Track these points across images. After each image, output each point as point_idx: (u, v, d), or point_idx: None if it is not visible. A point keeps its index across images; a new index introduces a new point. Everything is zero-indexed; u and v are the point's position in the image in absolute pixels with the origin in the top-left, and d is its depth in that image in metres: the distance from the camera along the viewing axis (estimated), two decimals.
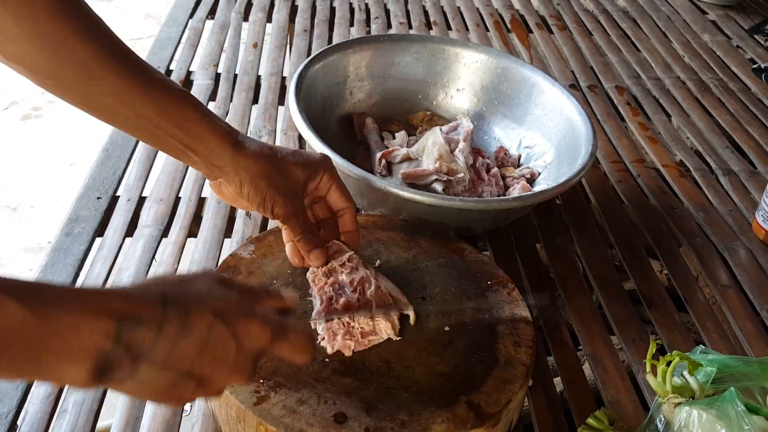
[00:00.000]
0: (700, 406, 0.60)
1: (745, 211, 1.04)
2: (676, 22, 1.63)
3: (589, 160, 0.87)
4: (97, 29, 0.58)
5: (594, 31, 1.56)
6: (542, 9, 1.64)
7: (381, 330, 0.66)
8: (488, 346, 0.67)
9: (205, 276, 0.50)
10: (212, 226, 0.90)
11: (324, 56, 0.99)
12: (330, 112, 1.01)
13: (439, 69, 1.08)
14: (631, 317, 0.84)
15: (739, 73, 1.43)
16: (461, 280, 0.75)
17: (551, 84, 1.01)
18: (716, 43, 1.55)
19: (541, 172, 0.98)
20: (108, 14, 3.08)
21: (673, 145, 1.19)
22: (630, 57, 1.46)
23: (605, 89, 1.34)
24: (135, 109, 0.59)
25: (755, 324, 0.85)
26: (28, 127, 2.34)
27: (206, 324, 0.46)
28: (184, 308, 0.45)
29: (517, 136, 1.04)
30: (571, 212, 1.01)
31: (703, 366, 0.66)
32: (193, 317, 0.45)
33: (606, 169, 1.12)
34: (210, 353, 0.46)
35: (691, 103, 1.31)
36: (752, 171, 1.14)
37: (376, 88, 1.06)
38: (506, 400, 0.62)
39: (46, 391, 0.68)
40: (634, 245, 0.96)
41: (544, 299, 0.83)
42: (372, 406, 0.60)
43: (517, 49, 1.45)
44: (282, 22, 1.45)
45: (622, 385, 0.75)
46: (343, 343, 0.64)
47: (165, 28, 1.38)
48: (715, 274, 0.92)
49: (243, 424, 0.60)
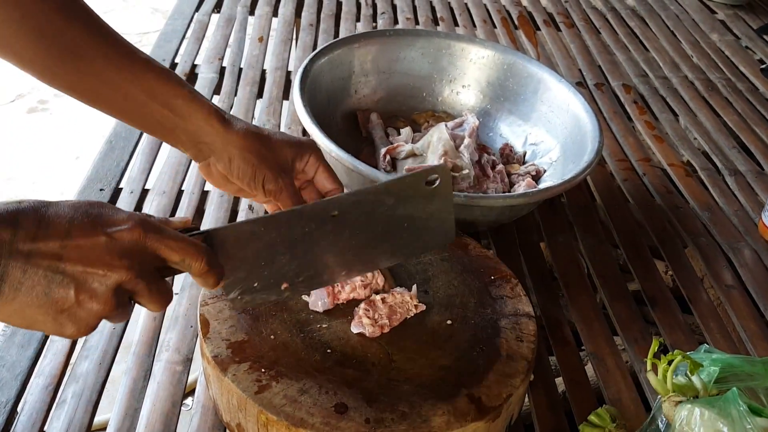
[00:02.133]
0: (702, 405, 0.59)
1: (751, 211, 1.03)
2: (684, 21, 1.62)
3: (596, 157, 0.86)
4: (82, 11, 0.58)
5: (602, 29, 1.55)
6: (550, 6, 1.63)
7: (407, 300, 0.67)
8: (490, 341, 0.67)
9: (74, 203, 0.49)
10: (214, 220, 0.90)
11: (329, 50, 0.99)
12: (334, 107, 1.01)
13: (444, 64, 1.07)
14: (634, 317, 0.83)
15: (748, 73, 1.43)
16: (464, 275, 0.74)
17: (558, 81, 1.00)
18: (725, 42, 1.54)
19: (546, 170, 0.97)
20: (115, 9, 3.09)
21: (679, 144, 1.19)
22: (638, 55, 1.45)
23: (612, 87, 1.33)
24: (122, 90, 0.59)
25: (759, 325, 0.84)
26: (34, 120, 2.34)
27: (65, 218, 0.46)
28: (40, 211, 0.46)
29: (523, 132, 1.03)
30: (575, 210, 1.00)
31: (703, 366, 0.65)
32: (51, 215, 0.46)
33: (611, 167, 1.11)
34: (74, 250, 0.45)
35: (698, 102, 1.30)
36: (759, 171, 1.13)
37: (382, 83, 1.06)
38: (507, 395, 0.62)
39: (45, 381, 0.68)
40: (639, 244, 0.95)
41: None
42: (373, 397, 0.60)
43: (525, 46, 1.45)
44: (288, 17, 1.45)
45: (624, 384, 0.75)
46: (373, 326, 0.66)
47: (171, 21, 1.38)
48: (719, 275, 0.92)
49: (244, 412, 0.60)
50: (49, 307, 0.46)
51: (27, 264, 0.44)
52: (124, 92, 0.59)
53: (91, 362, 0.71)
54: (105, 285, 0.47)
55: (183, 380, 0.70)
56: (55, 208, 0.47)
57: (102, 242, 0.47)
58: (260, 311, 0.66)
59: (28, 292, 0.45)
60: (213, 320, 0.65)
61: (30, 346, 0.71)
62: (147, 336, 0.74)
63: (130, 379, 0.70)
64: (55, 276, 0.45)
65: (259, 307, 0.66)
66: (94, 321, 0.48)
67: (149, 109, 0.61)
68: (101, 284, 0.47)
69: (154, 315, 0.76)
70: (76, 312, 0.46)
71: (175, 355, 0.72)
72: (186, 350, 0.73)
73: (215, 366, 0.61)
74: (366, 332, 0.65)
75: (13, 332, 0.72)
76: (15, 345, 0.71)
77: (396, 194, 0.61)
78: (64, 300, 0.46)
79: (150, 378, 0.70)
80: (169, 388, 0.69)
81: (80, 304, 0.46)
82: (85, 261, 0.46)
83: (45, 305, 0.45)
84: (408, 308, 0.68)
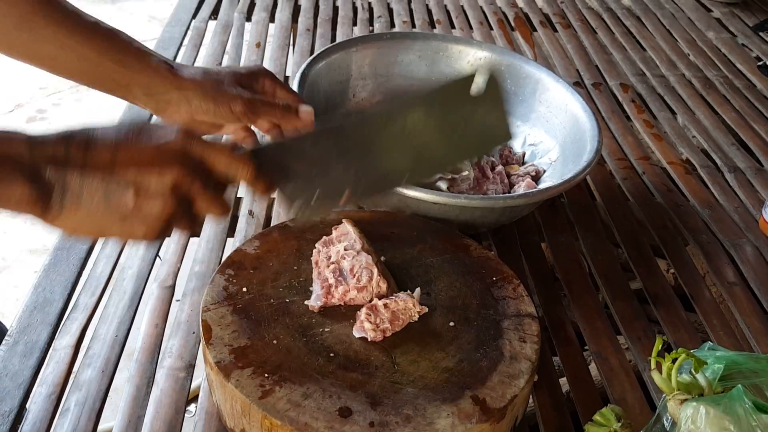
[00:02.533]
0: (707, 403, 0.59)
1: (751, 208, 1.03)
2: (680, 19, 1.62)
3: (595, 156, 0.86)
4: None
5: (598, 29, 1.55)
6: (546, 7, 1.63)
7: (410, 307, 0.67)
8: (493, 342, 0.67)
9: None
10: (215, 225, 0.90)
11: (327, 55, 0.99)
12: (333, 111, 1.01)
13: (442, 67, 1.07)
14: (637, 315, 0.83)
15: (745, 71, 1.43)
16: (466, 276, 0.74)
17: (555, 81, 1.00)
18: (721, 40, 1.54)
19: (546, 170, 0.97)
20: (112, 17, 3.09)
21: (678, 142, 1.19)
22: (634, 55, 1.45)
23: (610, 87, 1.33)
24: (75, 52, 0.63)
25: (762, 321, 0.84)
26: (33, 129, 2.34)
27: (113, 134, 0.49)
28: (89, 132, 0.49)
29: (522, 133, 1.03)
30: (576, 210, 1.00)
31: (708, 363, 0.65)
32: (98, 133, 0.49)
33: (611, 166, 1.11)
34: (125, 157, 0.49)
35: (696, 100, 1.30)
36: (758, 168, 1.13)
37: (379, 86, 1.06)
38: (511, 396, 0.62)
39: (48, 390, 0.68)
40: (640, 243, 0.95)
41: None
42: (377, 400, 0.60)
43: (521, 48, 1.45)
44: (285, 22, 1.45)
45: (628, 383, 0.75)
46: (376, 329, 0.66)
47: (168, 28, 1.38)
48: (721, 272, 0.91)
49: (248, 417, 0.59)
50: (111, 212, 0.48)
51: (83, 174, 0.47)
52: (78, 54, 0.63)
53: (94, 370, 0.70)
54: (161, 184, 0.49)
55: (186, 387, 0.70)
56: (102, 129, 0.50)
57: (151, 148, 0.49)
58: (262, 316, 0.66)
59: (89, 200, 0.48)
60: (215, 326, 0.65)
61: (32, 354, 0.71)
62: (149, 343, 0.74)
63: (133, 387, 0.69)
64: (111, 182, 0.48)
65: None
66: (159, 223, 0.50)
67: (103, 68, 0.64)
68: (157, 184, 0.49)
69: (156, 321, 0.76)
70: (138, 215, 0.49)
71: (178, 361, 0.72)
72: (188, 357, 0.73)
73: (218, 372, 0.61)
74: (368, 337, 0.65)
75: (16, 341, 0.72)
76: (17, 354, 0.70)
77: (445, 99, 0.61)
78: (124, 204, 0.49)
79: (153, 385, 0.70)
80: (172, 395, 0.69)
81: (140, 206, 0.49)
82: (137, 165, 0.49)
83: (107, 211, 0.48)
84: (411, 314, 0.68)
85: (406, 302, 0.68)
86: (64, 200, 0.47)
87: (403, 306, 0.67)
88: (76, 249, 0.83)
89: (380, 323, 0.66)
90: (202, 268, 0.83)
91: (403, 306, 0.67)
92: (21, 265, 1.89)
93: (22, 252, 1.93)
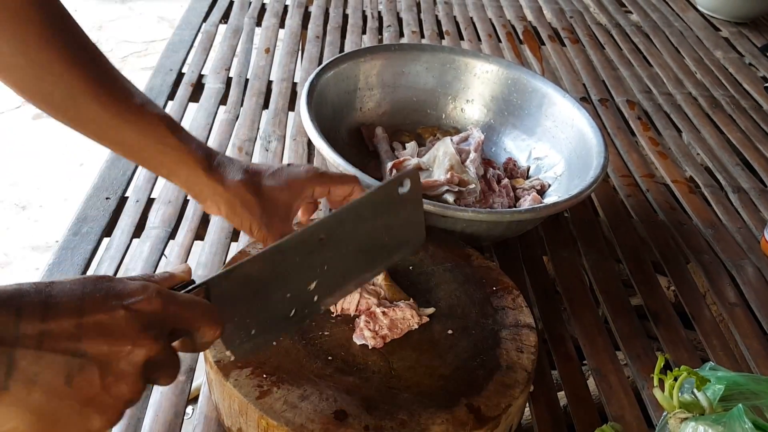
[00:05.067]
0: (707, 422, 0.59)
1: (754, 228, 1.03)
2: (688, 38, 1.63)
3: (602, 172, 0.86)
4: (85, 56, 0.59)
5: (606, 44, 1.56)
6: (555, 21, 1.64)
7: (408, 317, 0.67)
8: (490, 351, 0.67)
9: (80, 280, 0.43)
10: (219, 230, 0.90)
11: (335, 65, 0.99)
12: (340, 120, 1.01)
13: (449, 79, 1.08)
14: (637, 333, 0.83)
15: (751, 91, 1.43)
16: (466, 285, 0.75)
17: (562, 96, 1.01)
18: (729, 60, 1.55)
19: (551, 184, 0.97)
20: (122, 17, 3.11)
21: (683, 160, 1.19)
22: (642, 72, 1.45)
23: (616, 103, 1.34)
24: (118, 134, 0.62)
25: (762, 343, 0.84)
26: (39, 127, 2.35)
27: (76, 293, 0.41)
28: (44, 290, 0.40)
29: (527, 147, 1.03)
30: (578, 225, 1.00)
31: (711, 382, 0.65)
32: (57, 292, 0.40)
33: (615, 183, 1.11)
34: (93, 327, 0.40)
35: (702, 119, 1.31)
36: (762, 189, 1.13)
37: (386, 97, 1.06)
38: (506, 405, 0.62)
39: None
40: (642, 260, 0.95)
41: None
42: (372, 404, 0.60)
43: (529, 61, 1.45)
44: (294, 28, 1.46)
45: (626, 400, 0.75)
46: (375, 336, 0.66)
47: (178, 31, 1.39)
48: (722, 292, 0.91)
49: (245, 417, 0.60)
50: (72, 398, 0.39)
51: (39, 350, 0.38)
52: (121, 137, 0.62)
53: None
54: (132, 363, 0.41)
55: (186, 390, 0.70)
56: (60, 285, 0.41)
57: (122, 315, 0.41)
58: None
59: (46, 383, 0.38)
60: None
61: None
62: None
63: None
64: (74, 359, 0.39)
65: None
66: (122, 407, 0.42)
67: (146, 153, 0.63)
68: (128, 363, 0.41)
69: None
70: (102, 399, 0.40)
71: None
72: (189, 360, 0.73)
73: (218, 371, 0.61)
74: (369, 344, 0.66)
75: None
76: None
77: (374, 205, 0.61)
78: (89, 386, 0.39)
79: (153, 388, 0.70)
80: (171, 398, 0.69)
81: (107, 388, 0.40)
82: (107, 338, 0.40)
83: (67, 397, 0.39)
84: (410, 324, 0.68)
85: (405, 311, 0.68)
86: (7, 386, 0.37)
87: (401, 315, 0.68)
88: (80, 249, 0.84)
89: (379, 330, 0.66)
90: (205, 272, 0.84)
91: (402, 315, 0.68)
92: (23, 261, 1.89)
93: (25, 248, 1.93)
